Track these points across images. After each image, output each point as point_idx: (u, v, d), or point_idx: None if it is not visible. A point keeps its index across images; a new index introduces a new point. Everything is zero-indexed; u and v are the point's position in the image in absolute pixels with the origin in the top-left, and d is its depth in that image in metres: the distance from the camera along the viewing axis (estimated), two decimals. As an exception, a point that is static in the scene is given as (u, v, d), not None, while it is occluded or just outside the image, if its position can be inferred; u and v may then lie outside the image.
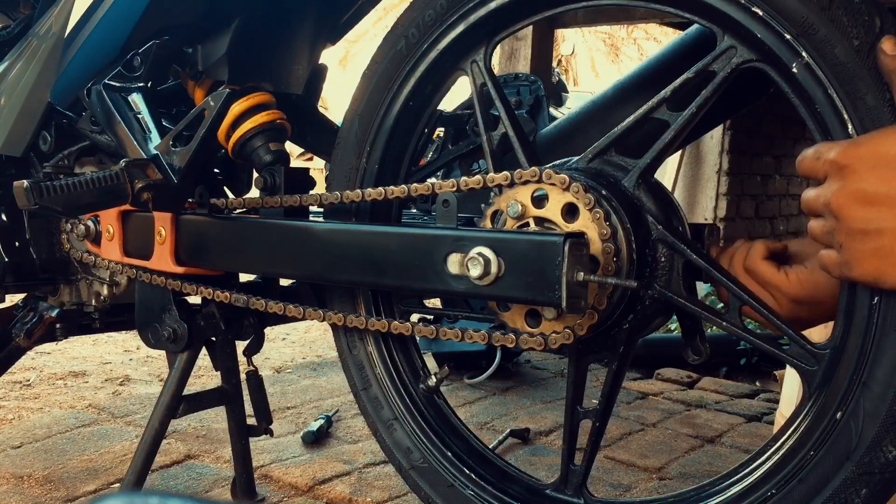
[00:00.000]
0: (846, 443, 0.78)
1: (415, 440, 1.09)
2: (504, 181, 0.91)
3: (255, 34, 1.14)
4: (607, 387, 0.99)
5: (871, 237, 0.69)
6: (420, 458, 1.08)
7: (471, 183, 0.94)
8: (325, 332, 3.00)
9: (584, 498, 1.00)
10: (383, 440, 1.11)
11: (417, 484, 1.08)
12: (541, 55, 4.10)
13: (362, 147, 1.09)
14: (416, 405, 1.11)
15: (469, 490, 1.05)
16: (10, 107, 1.31)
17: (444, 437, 1.09)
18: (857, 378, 0.78)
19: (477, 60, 1.02)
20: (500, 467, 1.08)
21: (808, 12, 0.77)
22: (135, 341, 2.66)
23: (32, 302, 1.42)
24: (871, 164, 0.69)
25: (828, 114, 0.77)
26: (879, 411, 0.76)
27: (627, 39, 17.03)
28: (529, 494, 1.03)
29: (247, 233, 1.14)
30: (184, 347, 1.23)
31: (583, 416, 1.00)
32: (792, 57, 0.79)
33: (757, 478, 0.86)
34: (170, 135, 1.12)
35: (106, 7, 1.15)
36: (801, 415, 0.84)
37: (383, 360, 1.12)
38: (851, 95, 0.75)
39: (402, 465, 1.10)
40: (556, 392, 2.30)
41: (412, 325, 1.01)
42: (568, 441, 1.01)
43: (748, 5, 0.80)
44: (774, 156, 4.73)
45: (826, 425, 0.80)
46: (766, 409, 2.23)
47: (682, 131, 0.88)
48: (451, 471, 1.06)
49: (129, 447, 1.71)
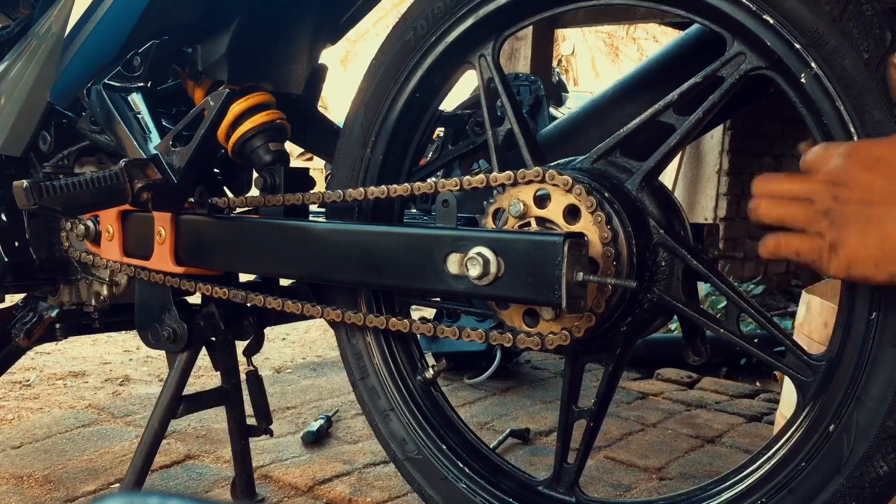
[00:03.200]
0: (837, 456, 0.78)
1: (410, 431, 1.09)
2: (507, 181, 0.91)
3: (255, 34, 1.14)
4: (603, 387, 0.99)
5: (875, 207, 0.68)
6: (415, 449, 1.08)
7: (474, 182, 0.94)
8: (325, 333, 3.00)
9: (576, 496, 1.00)
10: (379, 430, 1.12)
11: (411, 475, 1.09)
12: (541, 55, 4.09)
13: (368, 137, 1.09)
14: (412, 396, 1.11)
15: (462, 483, 1.05)
16: (9, 107, 1.31)
17: (440, 430, 1.09)
18: (851, 392, 0.78)
19: (485, 55, 1.02)
20: (494, 462, 1.08)
21: (819, 23, 0.76)
22: (135, 341, 2.66)
23: (32, 302, 1.41)
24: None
25: (834, 126, 0.77)
26: (872, 426, 0.76)
27: (627, 39, 17.02)
28: (522, 490, 1.04)
29: (247, 233, 1.14)
30: (184, 347, 1.23)
31: (578, 415, 1.00)
32: (801, 67, 0.78)
33: (748, 485, 0.86)
34: (169, 135, 1.12)
35: (106, 7, 1.15)
36: (794, 425, 0.84)
37: (381, 351, 1.12)
38: (859, 109, 0.75)
39: (397, 456, 1.10)
40: (556, 392, 2.30)
41: (410, 323, 1.01)
42: (562, 439, 1.01)
43: (759, 13, 0.80)
44: (774, 156, 4.73)
45: (818, 437, 0.80)
46: (767, 409, 2.23)
47: (688, 136, 0.88)
48: (445, 463, 1.07)
49: (128, 447, 1.71)
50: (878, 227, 0.67)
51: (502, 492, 1.03)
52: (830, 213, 0.70)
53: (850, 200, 0.69)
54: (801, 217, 0.73)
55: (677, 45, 1.30)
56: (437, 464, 1.07)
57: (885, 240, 0.67)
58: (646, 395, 2.34)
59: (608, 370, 0.98)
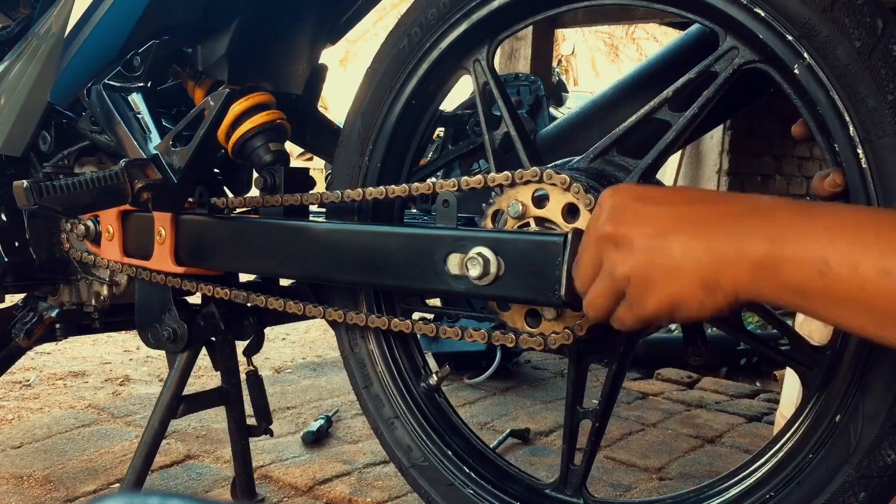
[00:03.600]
0: (845, 446, 0.78)
1: (415, 438, 1.09)
2: (505, 181, 0.91)
3: (255, 34, 1.14)
4: (607, 387, 0.98)
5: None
6: (420, 456, 1.08)
7: (472, 182, 0.94)
8: (325, 333, 3.00)
9: (584, 498, 1.00)
10: (384, 438, 1.11)
11: (417, 482, 1.08)
12: (541, 55, 4.10)
13: (365, 145, 1.09)
14: (416, 403, 1.11)
15: (469, 489, 1.04)
16: (9, 107, 1.31)
17: (445, 436, 1.09)
18: (856, 380, 0.78)
19: (479, 59, 1.02)
20: (500, 466, 1.08)
21: (809, 13, 0.76)
22: (135, 341, 2.66)
23: (32, 302, 1.41)
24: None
25: (829, 116, 0.77)
26: (879, 414, 0.76)
27: (627, 39, 17.02)
28: (529, 494, 1.03)
29: (247, 233, 1.14)
30: (184, 347, 1.23)
31: (583, 416, 1.00)
32: (794, 58, 0.78)
33: (755, 480, 0.86)
34: (170, 135, 1.12)
35: (106, 7, 1.15)
36: (801, 417, 0.84)
37: (385, 359, 1.12)
38: (853, 97, 0.75)
39: (403, 464, 1.10)
40: (556, 392, 2.30)
41: (412, 323, 1.01)
42: (568, 441, 1.01)
43: (750, 6, 0.80)
44: (774, 156, 4.73)
45: (825, 428, 0.80)
46: (767, 409, 2.23)
47: (684, 132, 0.87)
48: (452, 469, 1.06)
49: (128, 447, 1.71)
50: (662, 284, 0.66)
51: (509, 496, 1.03)
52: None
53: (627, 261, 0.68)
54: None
55: (677, 46, 1.30)
56: (444, 470, 1.06)
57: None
58: (646, 395, 2.34)
59: (612, 370, 0.98)
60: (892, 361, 0.75)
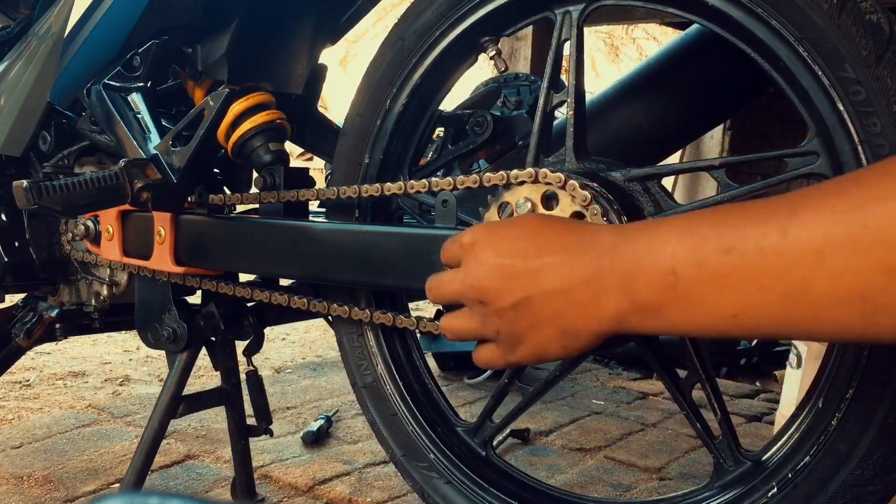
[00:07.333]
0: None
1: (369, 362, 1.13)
2: (500, 181, 0.90)
3: (255, 34, 1.14)
4: (558, 370, 1.04)
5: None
6: (372, 379, 1.12)
7: (467, 182, 0.93)
8: (325, 332, 3.00)
9: (487, 452, 1.06)
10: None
11: (365, 402, 1.12)
12: (541, 55, 4.09)
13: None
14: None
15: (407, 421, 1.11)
16: (9, 107, 1.31)
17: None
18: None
19: (572, 11, 0.97)
20: (436, 402, 1.13)
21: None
22: (135, 341, 2.66)
23: (32, 302, 1.42)
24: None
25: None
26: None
27: (627, 39, 17.02)
28: (445, 426, 1.11)
29: (246, 233, 1.14)
30: (183, 347, 1.23)
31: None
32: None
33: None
34: (169, 135, 1.12)
35: (105, 7, 1.15)
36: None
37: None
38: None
39: (356, 383, 1.13)
40: (556, 392, 2.30)
41: (416, 321, 1.01)
42: (496, 398, 1.10)
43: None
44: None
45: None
46: (766, 409, 2.23)
47: None
48: (397, 399, 1.11)
49: (128, 447, 1.71)
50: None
51: (430, 425, 1.10)
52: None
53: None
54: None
55: (677, 46, 1.30)
56: (391, 399, 1.12)
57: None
58: (646, 395, 2.34)
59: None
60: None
